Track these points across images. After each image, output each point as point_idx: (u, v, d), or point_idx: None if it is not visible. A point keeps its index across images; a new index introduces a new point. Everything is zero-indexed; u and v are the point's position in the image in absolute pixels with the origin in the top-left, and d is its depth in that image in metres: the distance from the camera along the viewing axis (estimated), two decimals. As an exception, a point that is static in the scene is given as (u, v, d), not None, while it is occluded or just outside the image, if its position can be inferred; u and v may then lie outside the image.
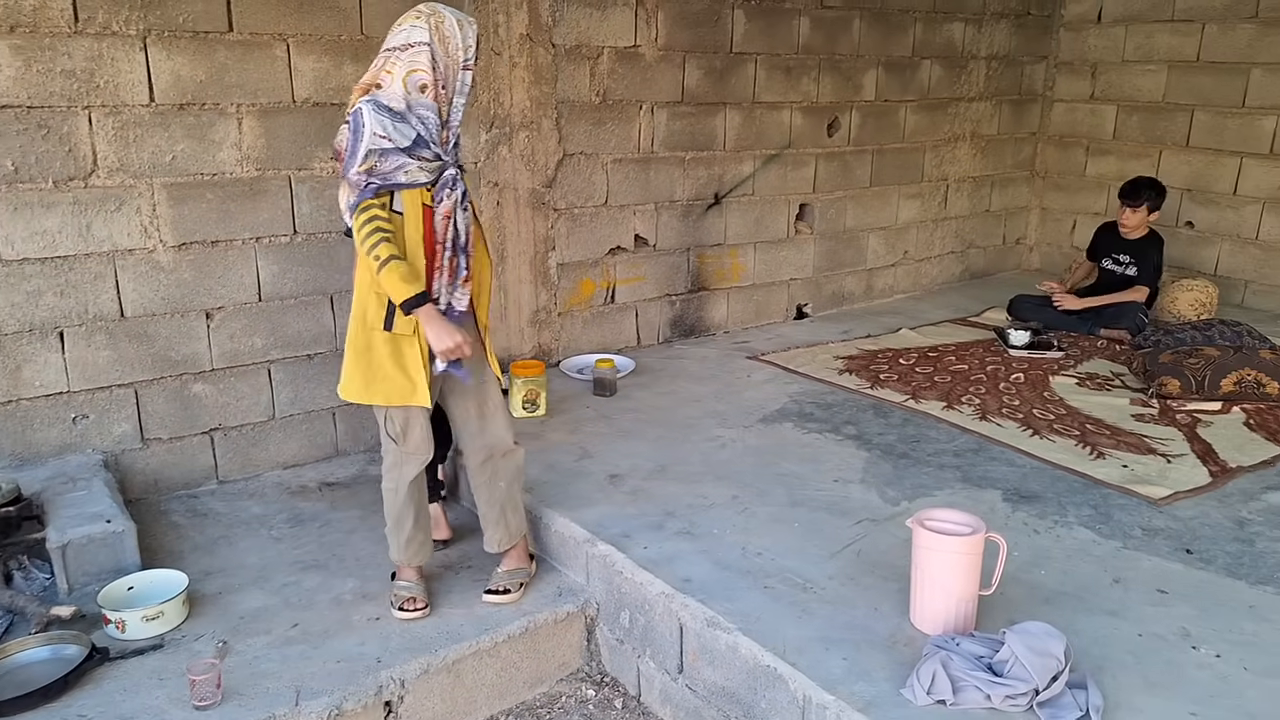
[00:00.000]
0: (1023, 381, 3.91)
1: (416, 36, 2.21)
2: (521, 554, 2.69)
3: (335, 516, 3.09)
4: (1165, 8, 5.25)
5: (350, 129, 2.19)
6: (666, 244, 4.39)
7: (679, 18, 4.14)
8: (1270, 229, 5.02)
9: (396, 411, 2.42)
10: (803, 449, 3.28)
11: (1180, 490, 2.90)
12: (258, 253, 3.25)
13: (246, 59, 3.10)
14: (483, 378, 2.50)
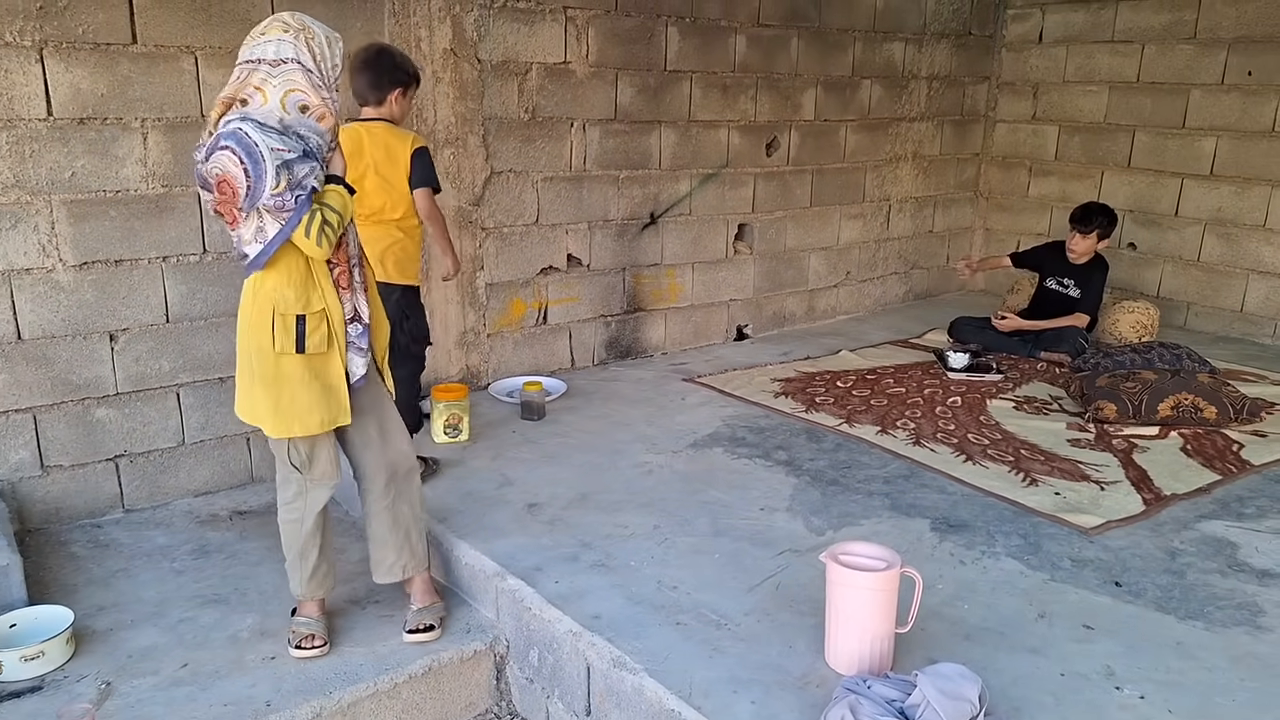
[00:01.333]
0: (960, 405, 3.85)
1: (286, 52, 2.04)
2: (428, 585, 2.55)
3: (243, 547, 2.97)
4: (1105, 29, 5.27)
5: (241, 152, 1.97)
6: (601, 264, 4.29)
7: (610, 34, 4.06)
8: (1211, 251, 5.03)
9: (302, 440, 2.27)
10: (731, 475, 3.18)
11: (1112, 519, 2.83)
12: (165, 272, 3.11)
13: (151, 72, 2.97)
14: (379, 394, 2.38)
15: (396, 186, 2.91)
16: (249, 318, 2.18)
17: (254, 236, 2.08)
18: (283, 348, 2.16)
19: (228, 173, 2.00)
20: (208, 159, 2.04)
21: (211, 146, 2.03)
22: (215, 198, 2.07)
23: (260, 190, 1.99)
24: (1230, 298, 4.99)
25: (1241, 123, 4.81)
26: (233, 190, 2.01)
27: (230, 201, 2.04)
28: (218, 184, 2.04)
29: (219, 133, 2.03)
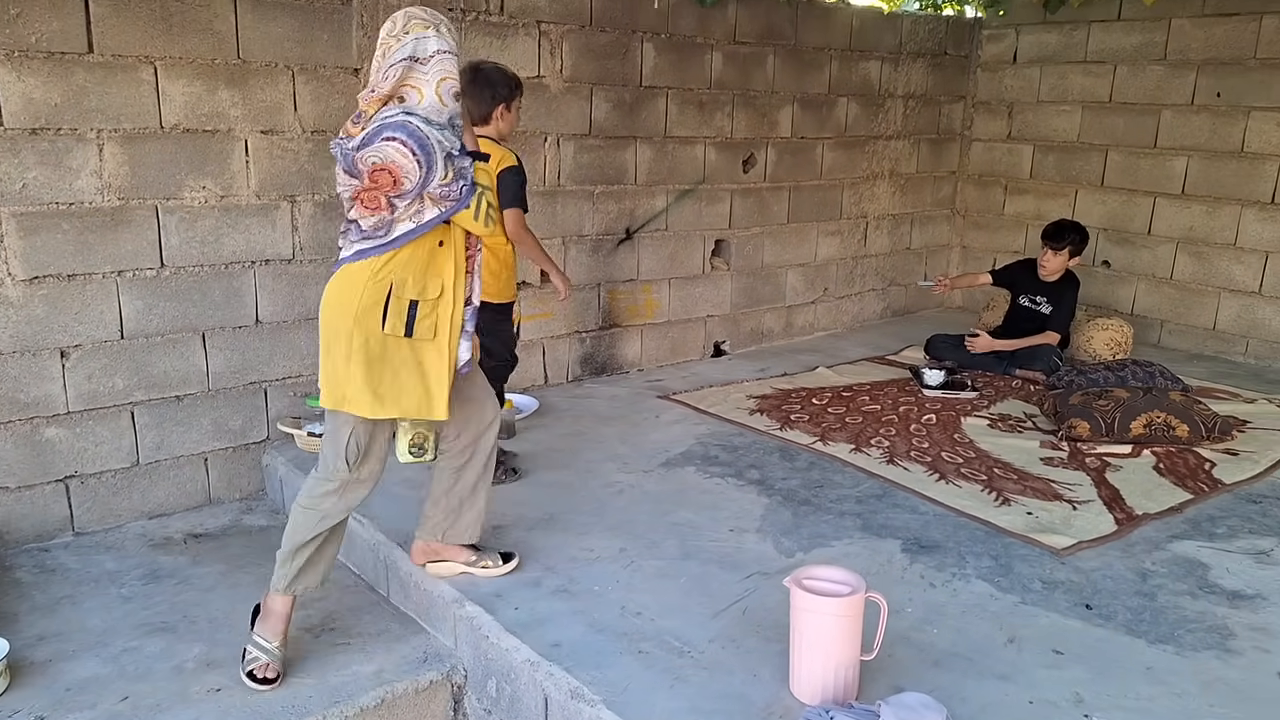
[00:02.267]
0: (934, 423, 3.81)
1: (433, 46, 2.11)
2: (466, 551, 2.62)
3: (196, 572, 2.87)
4: (1078, 49, 5.30)
5: (413, 144, 2.04)
6: (576, 279, 4.22)
7: (585, 49, 4.03)
8: (1184, 269, 5.04)
9: (364, 428, 2.29)
10: (702, 495, 3.11)
11: (1084, 540, 2.78)
12: (120, 287, 3.03)
13: (108, 82, 2.90)
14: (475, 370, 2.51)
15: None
16: (358, 298, 2.17)
17: (409, 217, 2.13)
18: (393, 329, 2.20)
19: (392, 162, 2.06)
20: (362, 147, 2.08)
21: (371, 136, 2.07)
22: (362, 184, 2.12)
23: (431, 180, 2.09)
24: (1203, 315, 5.00)
25: (1211, 143, 4.83)
26: (393, 179, 2.07)
27: (385, 189, 2.09)
28: (372, 172, 2.08)
29: (381, 123, 2.06)
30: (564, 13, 3.92)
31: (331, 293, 2.23)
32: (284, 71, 3.23)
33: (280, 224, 3.31)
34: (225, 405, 3.30)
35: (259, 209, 3.26)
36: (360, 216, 2.15)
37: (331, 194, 3.40)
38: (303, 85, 3.27)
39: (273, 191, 3.28)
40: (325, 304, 2.24)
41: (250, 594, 2.72)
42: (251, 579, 2.82)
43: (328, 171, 3.37)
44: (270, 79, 3.20)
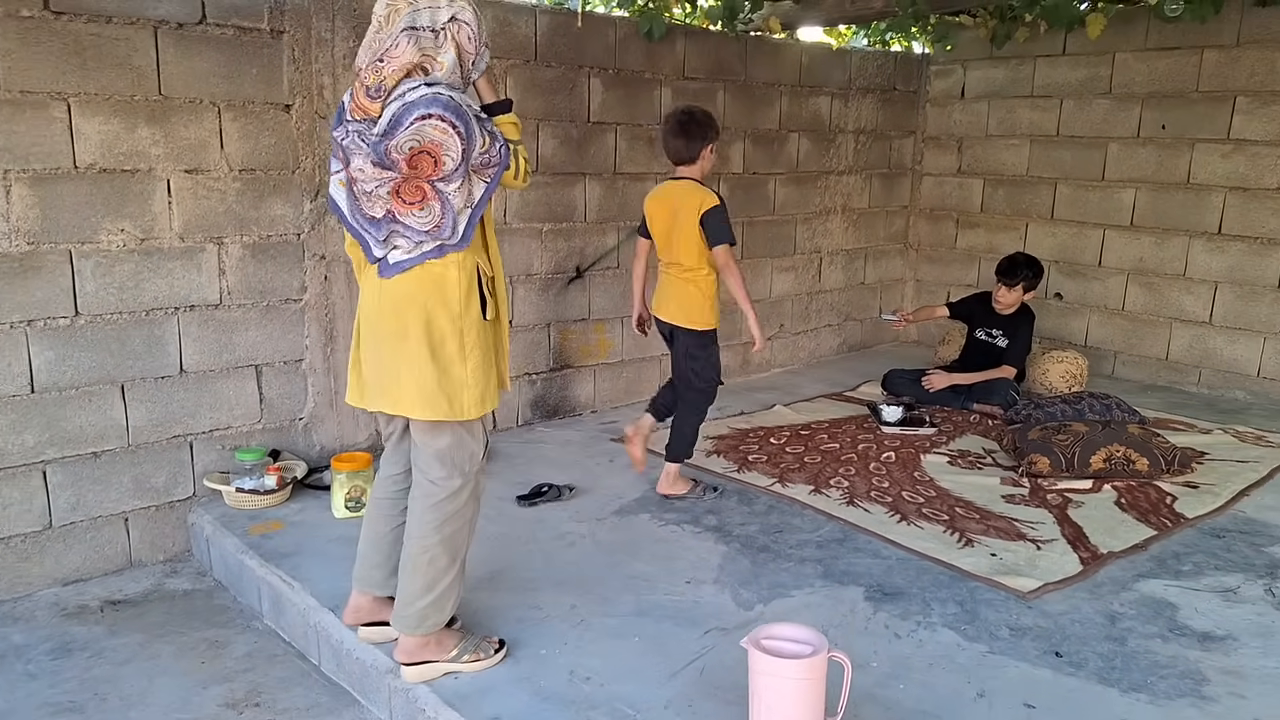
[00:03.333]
0: (894, 461, 3.71)
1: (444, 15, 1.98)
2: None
3: (112, 644, 2.66)
4: (1025, 84, 5.35)
5: (452, 117, 1.89)
6: (524, 319, 4.09)
7: (531, 84, 3.93)
8: (1135, 300, 5.05)
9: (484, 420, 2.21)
10: (657, 544, 2.97)
11: (1050, 581, 2.69)
12: (30, 337, 2.84)
13: (16, 119, 2.74)
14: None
15: (691, 240, 3.10)
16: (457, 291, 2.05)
17: (465, 204, 2.02)
18: (493, 314, 2.15)
19: (433, 142, 1.90)
20: (391, 131, 1.89)
21: (399, 118, 1.89)
22: (399, 175, 1.94)
23: (472, 151, 1.96)
24: (1155, 346, 5.01)
25: (1158, 175, 4.88)
26: (434, 161, 1.92)
27: (426, 174, 1.93)
28: (411, 158, 1.92)
29: (407, 102, 1.88)
30: (508, 47, 3.83)
31: (412, 298, 2.04)
32: (209, 108, 3.08)
33: (206, 267, 3.14)
34: (147, 461, 3.10)
35: (183, 252, 3.09)
36: (404, 215, 1.98)
37: (262, 235, 3.25)
38: (230, 122, 3.13)
39: (198, 233, 3.11)
40: (405, 313, 2.05)
41: (169, 666, 2.54)
42: (172, 649, 2.63)
43: (257, 212, 3.22)
44: (195, 116, 3.05)
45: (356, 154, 1.96)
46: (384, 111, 1.90)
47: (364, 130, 1.92)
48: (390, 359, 2.08)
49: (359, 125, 1.93)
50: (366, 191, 1.99)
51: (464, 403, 2.10)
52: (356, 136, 1.94)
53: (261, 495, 3.17)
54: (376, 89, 1.91)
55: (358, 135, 1.94)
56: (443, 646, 2.24)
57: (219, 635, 2.73)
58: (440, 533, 2.15)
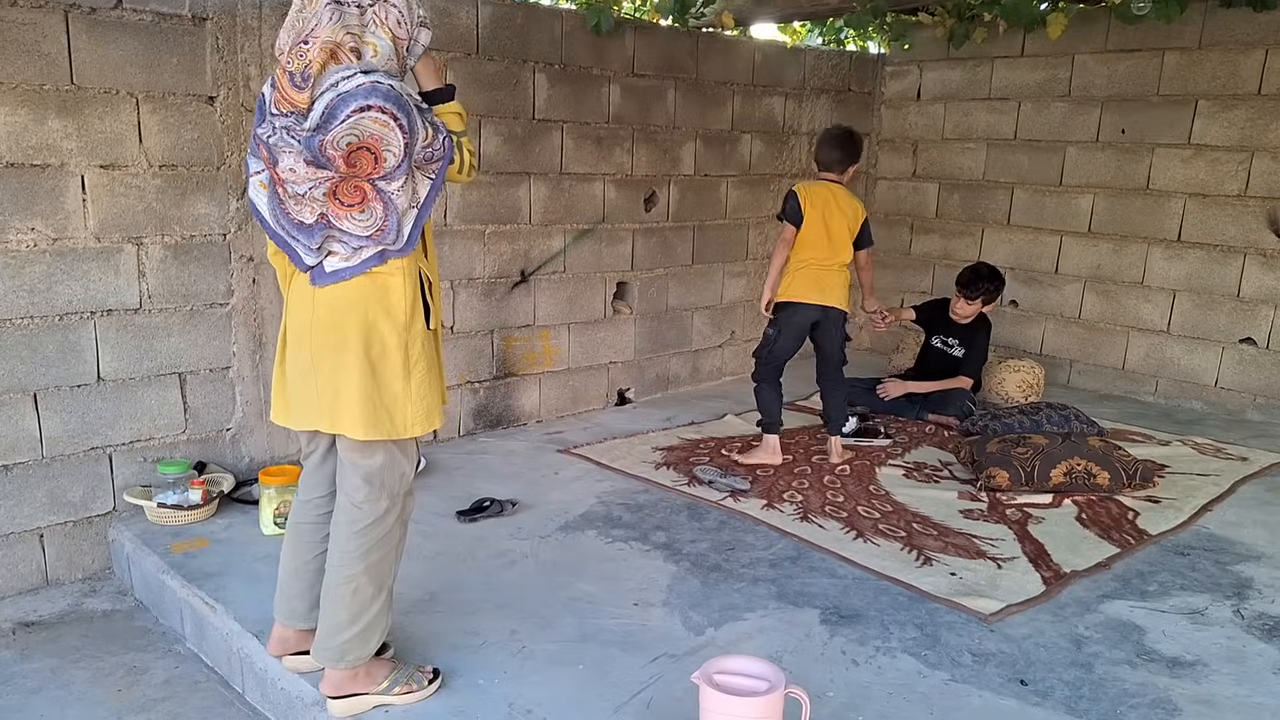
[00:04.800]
0: (848, 473, 3.62)
1: None
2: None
3: (22, 670, 2.50)
4: (982, 86, 5.31)
5: (393, 108, 1.74)
6: (466, 325, 3.93)
7: (472, 78, 3.77)
8: (1091, 308, 5.04)
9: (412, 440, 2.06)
10: (603, 563, 2.83)
11: (1012, 603, 2.59)
12: (-70, 343, 2.62)
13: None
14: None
15: (851, 238, 3.67)
16: (401, 301, 1.90)
17: (410, 204, 1.86)
18: (436, 323, 2.02)
19: (372, 136, 1.74)
20: (325, 125, 1.73)
21: (334, 111, 1.72)
22: (337, 174, 1.76)
23: (414, 145, 1.81)
24: (1112, 355, 5.00)
25: (1117, 180, 4.86)
26: (375, 156, 1.76)
27: (365, 173, 1.76)
28: (349, 155, 1.75)
29: (343, 92, 1.71)
30: (448, 39, 3.65)
31: (353, 307, 1.88)
32: (126, 99, 2.87)
33: (125, 269, 2.94)
34: (63, 474, 2.90)
35: (99, 252, 2.88)
36: (341, 219, 1.80)
37: (185, 235, 3.05)
38: (149, 114, 2.92)
39: (115, 233, 2.91)
40: (345, 324, 1.89)
41: (84, 693, 2.38)
42: (87, 675, 2.47)
43: (180, 210, 3.03)
44: (110, 107, 2.84)
45: (285, 152, 1.77)
46: (315, 103, 1.72)
47: (292, 125, 1.74)
48: (328, 374, 1.92)
49: (286, 120, 1.75)
50: (298, 194, 1.80)
51: (407, 419, 1.95)
52: (284, 133, 1.76)
53: (185, 510, 2.99)
54: (302, 76, 1.72)
55: (285, 131, 1.75)
56: (372, 678, 2.08)
57: (138, 660, 2.57)
58: (365, 560, 2.00)
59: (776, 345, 3.68)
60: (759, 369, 3.73)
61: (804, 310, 3.64)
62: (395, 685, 2.09)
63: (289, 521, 2.23)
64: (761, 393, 3.72)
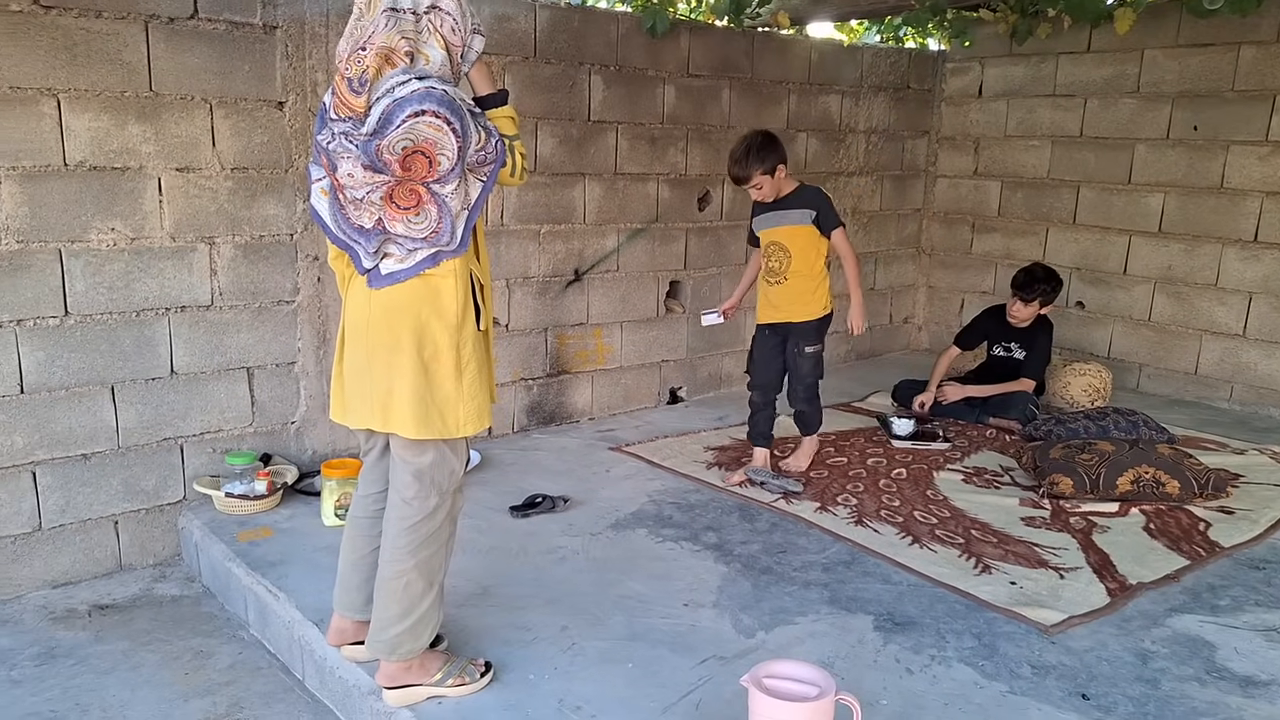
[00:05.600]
0: (905, 477, 3.57)
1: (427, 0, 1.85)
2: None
3: (96, 651, 2.60)
4: (1046, 83, 5.18)
5: (447, 113, 1.78)
6: (521, 324, 3.98)
7: (529, 82, 3.81)
8: (1162, 310, 4.88)
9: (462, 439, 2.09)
10: (654, 562, 2.84)
11: (1075, 614, 2.53)
12: (19, 337, 2.77)
13: (5, 116, 2.67)
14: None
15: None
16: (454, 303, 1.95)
17: (462, 205, 1.90)
18: (487, 324, 2.07)
19: (427, 141, 1.78)
20: (382, 130, 1.76)
21: (390, 115, 1.76)
22: (393, 178, 1.82)
23: (468, 149, 1.85)
24: (1184, 359, 4.83)
25: (1189, 178, 4.69)
26: (430, 160, 1.80)
27: (420, 177, 1.81)
28: (404, 159, 1.79)
29: (399, 98, 1.75)
30: (506, 43, 3.71)
31: (406, 308, 1.93)
32: (201, 105, 2.98)
33: (197, 267, 3.05)
34: (137, 464, 3.03)
35: (174, 251, 2.99)
36: (396, 223, 1.86)
37: (254, 235, 3.15)
38: (222, 119, 3.03)
39: (189, 233, 3.02)
40: (398, 325, 1.94)
41: (153, 676, 2.48)
42: (156, 658, 2.57)
43: (249, 211, 3.13)
44: (186, 112, 2.96)
45: (344, 158, 1.83)
46: (372, 108, 1.77)
47: (350, 130, 1.79)
48: (381, 374, 1.97)
49: (345, 125, 1.80)
50: (356, 199, 1.86)
51: (459, 419, 1.99)
52: (343, 138, 1.81)
53: (251, 500, 3.09)
54: (359, 80, 1.77)
55: (344, 136, 1.80)
56: (426, 669, 2.13)
57: (204, 645, 2.66)
58: (415, 556, 2.04)
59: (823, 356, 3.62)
60: (818, 386, 3.62)
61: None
62: (448, 677, 2.13)
63: (349, 515, 2.29)
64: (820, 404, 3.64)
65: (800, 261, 3.40)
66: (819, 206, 3.39)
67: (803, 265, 3.41)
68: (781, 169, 3.32)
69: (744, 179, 3.31)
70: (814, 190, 3.44)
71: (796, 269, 3.40)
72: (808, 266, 3.41)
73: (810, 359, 3.55)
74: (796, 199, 3.40)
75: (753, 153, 3.27)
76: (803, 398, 3.58)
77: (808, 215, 3.37)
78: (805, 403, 3.59)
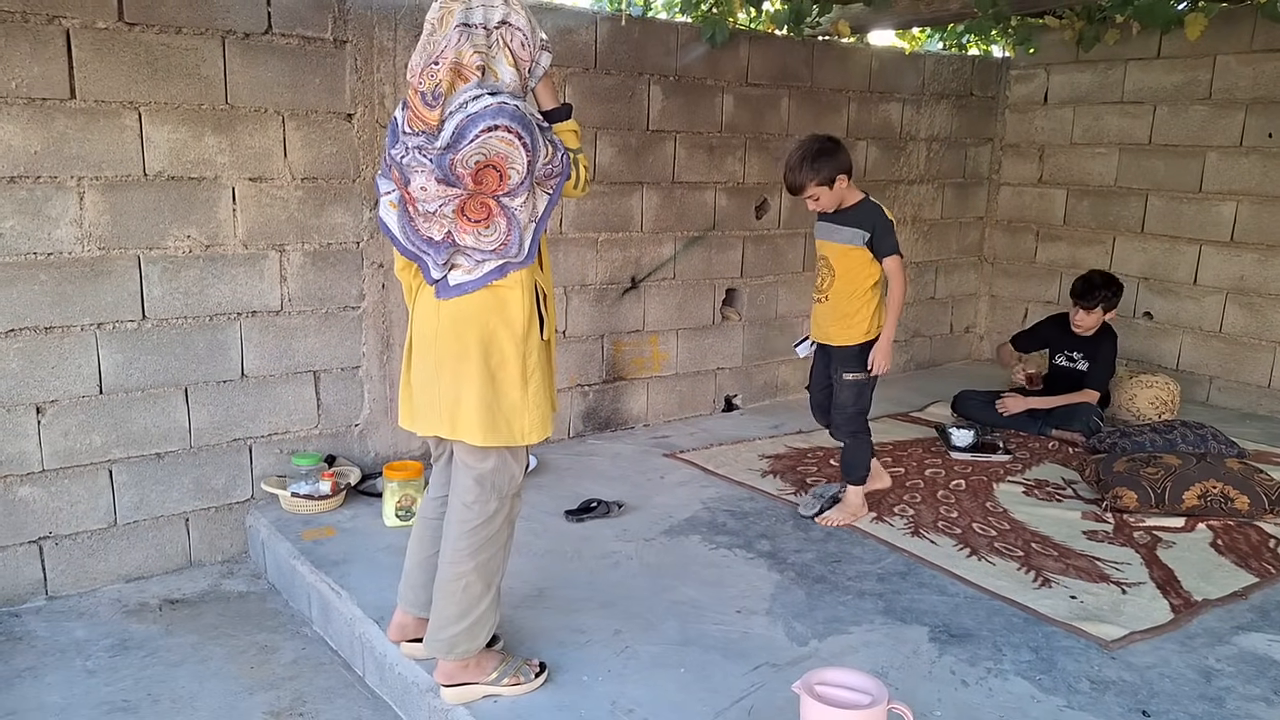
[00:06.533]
0: (964, 489, 3.52)
1: (499, 14, 1.90)
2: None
3: (166, 643, 2.70)
4: (1114, 89, 5.06)
5: (518, 128, 1.83)
6: (578, 330, 4.03)
7: (589, 92, 3.87)
8: (1234, 321, 4.73)
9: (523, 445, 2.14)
10: (707, 569, 2.86)
11: (1136, 630, 2.48)
12: (99, 340, 2.90)
13: (90, 128, 2.79)
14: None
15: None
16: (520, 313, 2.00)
17: (530, 218, 1.97)
18: (549, 334, 2.11)
19: (499, 155, 1.84)
20: (455, 144, 1.82)
21: (463, 130, 1.82)
22: (465, 190, 1.88)
23: (537, 163, 1.90)
24: (1257, 372, 4.67)
25: (1263, 187, 4.54)
26: (500, 174, 1.85)
27: (490, 190, 1.87)
28: (477, 172, 1.85)
29: (473, 113, 1.81)
30: (567, 55, 3.77)
31: (474, 318, 1.98)
32: (274, 117, 3.10)
33: (268, 274, 3.16)
34: (208, 463, 3.14)
35: (246, 258, 3.11)
36: (466, 235, 1.91)
37: (323, 243, 3.25)
38: (293, 131, 3.14)
39: (261, 240, 3.13)
40: (466, 334, 1.99)
41: (220, 669, 2.57)
42: (223, 652, 2.66)
43: (318, 220, 3.24)
44: (259, 124, 3.07)
45: (418, 172, 1.88)
46: (445, 123, 1.83)
47: (424, 144, 1.86)
48: (450, 382, 2.02)
49: (418, 139, 1.86)
50: (429, 212, 1.92)
51: (524, 427, 2.05)
52: (417, 152, 1.87)
53: (316, 500, 3.18)
54: (433, 94, 1.83)
55: (418, 150, 1.87)
56: (482, 668, 2.17)
57: (269, 640, 2.75)
58: (475, 558, 2.09)
59: (871, 386, 3.23)
60: (861, 419, 3.23)
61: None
62: (504, 677, 2.17)
63: (418, 514, 2.36)
64: (868, 444, 3.25)
65: (844, 282, 3.15)
66: (875, 228, 3.09)
67: (846, 285, 3.15)
68: (843, 180, 3.05)
69: (797, 189, 3.07)
70: (873, 209, 3.13)
71: (839, 289, 3.16)
72: (851, 287, 3.14)
73: (850, 388, 3.20)
74: (853, 215, 3.12)
75: (807, 161, 3.01)
76: (843, 429, 3.25)
77: (859, 236, 3.10)
78: (846, 435, 3.25)
